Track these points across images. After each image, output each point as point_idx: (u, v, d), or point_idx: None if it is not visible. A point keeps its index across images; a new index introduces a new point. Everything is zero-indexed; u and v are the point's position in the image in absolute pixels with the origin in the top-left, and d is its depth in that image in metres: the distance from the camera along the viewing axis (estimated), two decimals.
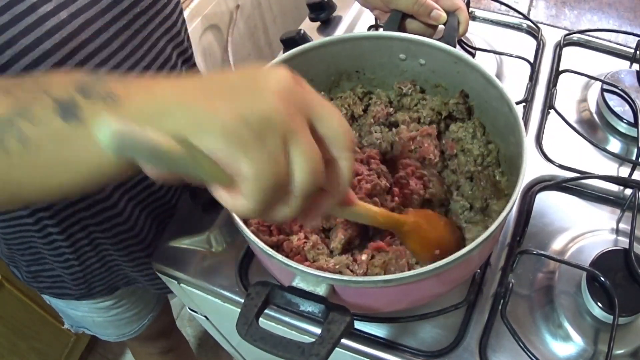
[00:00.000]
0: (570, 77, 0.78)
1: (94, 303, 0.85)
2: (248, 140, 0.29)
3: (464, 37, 0.83)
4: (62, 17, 0.51)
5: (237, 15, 1.33)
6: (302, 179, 0.31)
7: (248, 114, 0.29)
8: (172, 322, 1.15)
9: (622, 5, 0.92)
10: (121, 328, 0.94)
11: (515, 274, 0.61)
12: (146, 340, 1.05)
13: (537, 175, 0.69)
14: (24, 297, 1.22)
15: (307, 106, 0.32)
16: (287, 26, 1.55)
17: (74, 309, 0.87)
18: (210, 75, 0.32)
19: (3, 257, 0.79)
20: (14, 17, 0.48)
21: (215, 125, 0.29)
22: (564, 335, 0.57)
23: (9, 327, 1.21)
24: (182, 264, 0.66)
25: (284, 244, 0.54)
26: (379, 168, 0.59)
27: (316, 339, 0.41)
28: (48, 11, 0.50)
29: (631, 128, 0.71)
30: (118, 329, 0.94)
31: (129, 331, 0.96)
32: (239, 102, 0.30)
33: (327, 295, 0.45)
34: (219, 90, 0.31)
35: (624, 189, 0.67)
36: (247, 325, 0.42)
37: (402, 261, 0.52)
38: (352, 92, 0.66)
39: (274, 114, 0.30)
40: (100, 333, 0.96)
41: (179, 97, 0.30)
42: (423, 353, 0.56)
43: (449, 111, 0.62)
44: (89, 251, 0.73)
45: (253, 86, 0.31)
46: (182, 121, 0.29)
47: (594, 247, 0.61)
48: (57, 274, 0.76)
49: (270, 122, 0.29)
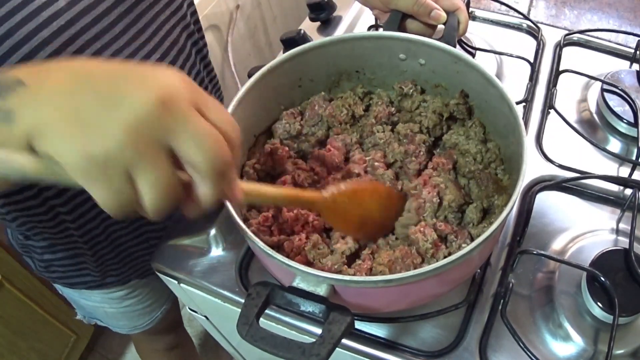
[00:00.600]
0: (570, 77, 0.78)
1: (106, 293, 0.85)
2: (94, 176, 0.32)
3: (464, 37, 0.84)
4: (60, 5, 0.52)
5: (237, 15, 1.33)
6: (151, 205, 0.33)
7: (95, 151, 0.31)
8: (180, 317, 1.15)
9: (622, 5, 0.92)
10: (134, 320, 0.94)
11: (515, 274, 0.61)
12: (155, 334, 1.05)
13: (537, 175, 0.69)
14: (24, 297, 1.22)
15: (167, 132, 0.32)
16: (287, 26, 1.55)
17: (86, 299, 0.87)
18: (88, 73, 0.33)
19: (17, 247, 0.80)
20: (13, 8, 0.49)
21: (69, 160, 0.31)
22: (564, 335, 0.57)
23: (9, 327, 1.21)
24: (182, 264, 0.66)
25: (285, 244, 0.54)
26: (385, 173, 0.59)
27: (317, 339, 0.41)
28: (45, 1, 0.51)
29: (631, 128, 0.71)
30: (131, 320, 0.94)
31: (141, 323, 0.96)
32: (91, 136, 0.31)
33: (327, 296, 0.45)
34: (84, 109, 0.32)
35: (624, 189, 0.67)
36: (247, 326, 0.42)
37: (408, 261, 0.52)
38: (352, 93, 0.66)
39: (117, 151, 0.31)
40: (112, 324, 0.96)
41: (52, 114, 0.32)
42: (423, 353, 0.56)
43: (450, 112, 0.62)
44: (102, 241, 0.74)
45: (107, 115, 0.31)
46: (50, 145, 0.32)
47: (594, 247, 0.61)
48: (70, 262, 0.77)
49: (113, 159, 0.31)
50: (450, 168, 0.59)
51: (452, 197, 0.56)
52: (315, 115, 0.64)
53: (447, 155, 0.61)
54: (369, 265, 0.53)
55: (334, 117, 0.64)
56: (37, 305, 1.26)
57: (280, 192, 0.50)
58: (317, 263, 0.53)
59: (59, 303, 1.33)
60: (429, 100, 0.64)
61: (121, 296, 0.87)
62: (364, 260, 0.53)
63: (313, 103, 0.65)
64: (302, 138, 0.64)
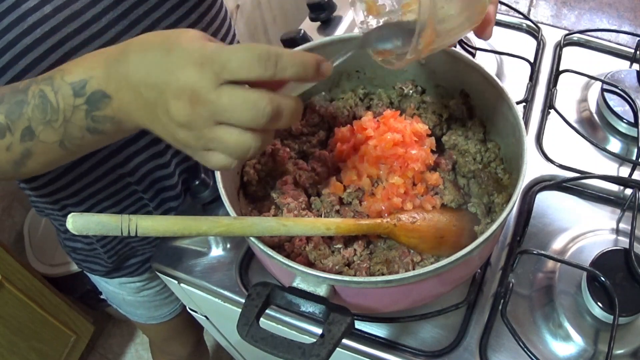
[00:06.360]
0: (571, 77, 0.78)
1: (124, 282, 0.86)
2: (190, 152, 0.42)
3: (463, 37, 0.84)
4: (45, 12, 0.52)
5: (237, 15, 1.33)
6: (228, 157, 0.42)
7: (180, 139, 0.41)
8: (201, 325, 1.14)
9: (622, 5, 0.91)
10: (151, 310, 0.94)
11: (515, 273, 0.61)
12: (174, 334, 1.05)
13: (537, 175, 0.70)
14: (24, 297, 1.22)
15: (210, 117, 0.38)
16: (287, 26, 1.55)
17: (107, 283, 0.88)
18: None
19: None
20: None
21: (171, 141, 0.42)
22: (564, 335, 0.57)
23: (9, 327, 1.21)
24: (182, 264, 0.67)
25: (285, 245, 0.54)
26: None
27: (317, 340, 0.41)
28: (31, 7, 0.51)
29: (631, 128, 0.71)
30: (148, 310, 0.94)
31: (159, 314, 0.96)
32: (168, 134, 0.41)
33: (327, 296, 0.45)
34: (154, 119, 0.41)
35: (624, 189, 0.67)
36: (247, 326, 0.42)
37: (407, 259, 0.53)
38: (353, 94, 0.66)
39: (189, 140, 0.40)
40: (130, 312, 0.97)
41: (142, 119, 0.43)
42: (423, 353, 0.56)
43: (450, 112, 0.62)
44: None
45: (168, 119, 0.39)
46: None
47: (594, 247, 0.61)
48: (86, 249, 0.79)
49: (190, 146, 0.41)
50: (450, 169, 0.59)
51: (450, 198, 0.57)
52: (315, 115, 0.64)
53: (446, 156, 0.61)
54: (367, 264, 0.53)
55: (335, 117, 0.64)
56: (37, 305, 1.26)
57: (352, 225, 0.52)
58: (318, 264, 0.53)
59: (59, 303, 1.33)
60: (428, 101, 0.64)
61: (138, 287, 0.88)
62: (362, 260, 0.53)
63: (313, 103, 0.65)
64: (303, 138, 0.63)
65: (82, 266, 0.85)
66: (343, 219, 0.54)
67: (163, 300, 0.93)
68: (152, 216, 0.43)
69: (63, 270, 1.40)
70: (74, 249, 0.81)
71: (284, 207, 0.55)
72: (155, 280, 0.88)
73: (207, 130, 0.39)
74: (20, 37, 0.51)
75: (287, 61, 0.38)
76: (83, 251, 0.80)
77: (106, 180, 0.66)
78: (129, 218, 0.41)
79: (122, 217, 0.41)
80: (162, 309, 0.95)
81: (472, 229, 0.55)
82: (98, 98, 0.42)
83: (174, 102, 0.38)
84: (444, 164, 0.59)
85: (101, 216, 0.41)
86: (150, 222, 0.42)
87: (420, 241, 0.54)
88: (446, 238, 0.54)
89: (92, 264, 0.82)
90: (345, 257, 0.53)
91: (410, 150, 0.56)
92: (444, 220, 0.55)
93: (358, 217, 0.56)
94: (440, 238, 0.54)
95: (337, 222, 0.51)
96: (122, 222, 0.41)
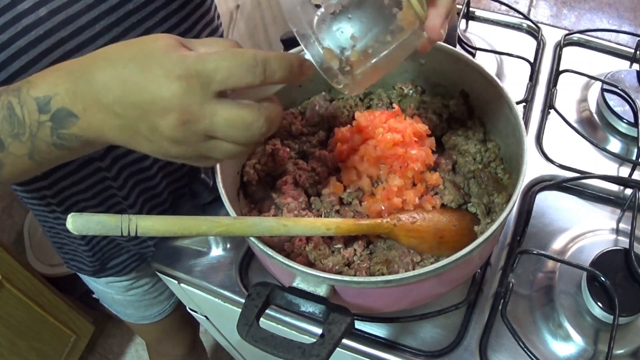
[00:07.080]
0: (571, 77, 0.78)
1: (111, 282, 0.85)
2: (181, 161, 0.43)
3: (464, 37, 0.84)
4: (40, 14, 0.51)
5: (237, 15, 1.33)
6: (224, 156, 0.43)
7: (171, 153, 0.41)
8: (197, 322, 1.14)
9: (622, 5, 0.92)
10: (141, 310, 0.94)
11: (515, 274, 0.61)
12: (170, 333, 1.04)
13: (537, 175, 0.70)
14: (24, 297, 1.22)
15: (200, 132, 0.38)
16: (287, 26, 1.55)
17: (96, 282, 0.88)
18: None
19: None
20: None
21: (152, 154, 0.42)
22: (564, 335, 0.57)
23: (9, 327, 1.21)
24: (182, 264, 0.67)
25: (285, 245, 0.54)
26: None
27: (317, 340, 0.41)
28: (26, 8, 0.50)
29: (631, 128, 0.71)
30: (138, 310, 0.94)
31: (149, 314, 0.95)
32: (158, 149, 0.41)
33: (327, 296, 0.45)
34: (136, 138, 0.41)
35: (624, 189, 0.67)
36: (247, 326, 0.42)
37: (407, 259, 0.53)
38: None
39: (179, 152, 0.40)
40: (120, 312, 0.96)
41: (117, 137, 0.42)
42: (423, 353, 0.56)
43: (450, 112, 0.62)
44: None
45: (157, 135, 0.39)
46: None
47: (594, 247, 0.61)
48: (71, 249, 0.78)
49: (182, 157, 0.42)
50: (450, 169, 0.59)
51: (450, 198, 0.57)
52: (315, 115, 0.64)
53: (446, 156, 0.61)
54: (367, 264, 0.53)
55: (335, 117, 0.64)
56: (37, 305, 1.26)
57: (350, 225, 0.52)
58: (318, 264, 0.53)
59: (59, 303, 1.33)
60: (428, 101, 0.64)
61: (125, 286, 0.87)
62: (362, 260, 0.53)
63: (313, 103, 0.65)
64: (302, 138, 0.63)
65: (70, 265, 0.84)
66: (343, 219, 0.54)
67: (152, 300, 0.92)
68: (152, 216, 0.43)
69: (63, 270, 1.40)
70: (61, 245, 0.80)
71: (284, 207, 0.55)
72: (142, 280, 0.88)
73: (201, 144, 0.39)
74: (14, 39, 0.50)
75: (275, 65, 0.38)
76: (69, 249, 0.79)
77: (90, 180, 0.65)
78: (129, 218, 0.41)
79: (122, 217, 0.41)
80: (152, 309, 0.94)
81: (472, 229, 0.55)
82: (63, 116, 0.40)
83: (162, 120, 0.37)
84: (444, 164, 0.59)
85: (101, 216, 0.40)
86: (150, 222, 0.42)
87: (420, 241, 0.54)
88: (446, 238, 0.54)
89: (79, 262, 0.81)
90: (345, 257, 0.53)
91: (410, 150, 0.56)
92: (444, 220, 0.55)
93: (358, 217, 0.56)
94: (440, 238, 0.54)
95: (337, 222, 0.51)
96: (122, 222, 0.41)
